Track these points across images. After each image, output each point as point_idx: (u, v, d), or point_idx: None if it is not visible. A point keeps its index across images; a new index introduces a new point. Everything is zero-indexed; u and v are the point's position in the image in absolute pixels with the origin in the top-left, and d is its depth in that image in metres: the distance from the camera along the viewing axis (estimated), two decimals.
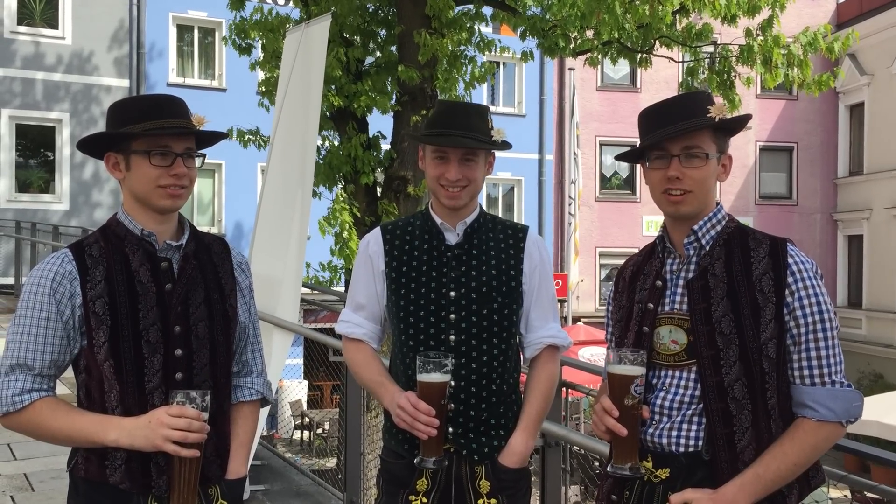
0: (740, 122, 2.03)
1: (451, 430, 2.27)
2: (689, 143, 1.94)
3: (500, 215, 2.97)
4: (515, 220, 2.60)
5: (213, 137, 2.12)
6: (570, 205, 20.22)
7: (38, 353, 1.97)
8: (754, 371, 1.87)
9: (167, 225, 2.09)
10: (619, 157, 2.29)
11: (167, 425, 1.89)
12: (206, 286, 2.10)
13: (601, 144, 21.27)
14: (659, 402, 1.97)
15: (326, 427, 15.17)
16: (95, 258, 2.01)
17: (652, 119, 2.00)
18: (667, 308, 1.99)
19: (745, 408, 1.87)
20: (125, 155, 2.02)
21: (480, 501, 2.28)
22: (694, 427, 1.92)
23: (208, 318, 2.08)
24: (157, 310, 2.01)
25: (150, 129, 1.97)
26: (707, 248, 1.98)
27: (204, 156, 2.11)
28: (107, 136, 2.04)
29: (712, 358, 1.89)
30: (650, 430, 1.97)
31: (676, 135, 1.93)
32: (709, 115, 1.94)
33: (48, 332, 1.97)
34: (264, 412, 5.54)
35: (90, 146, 2.10)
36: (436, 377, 2.14)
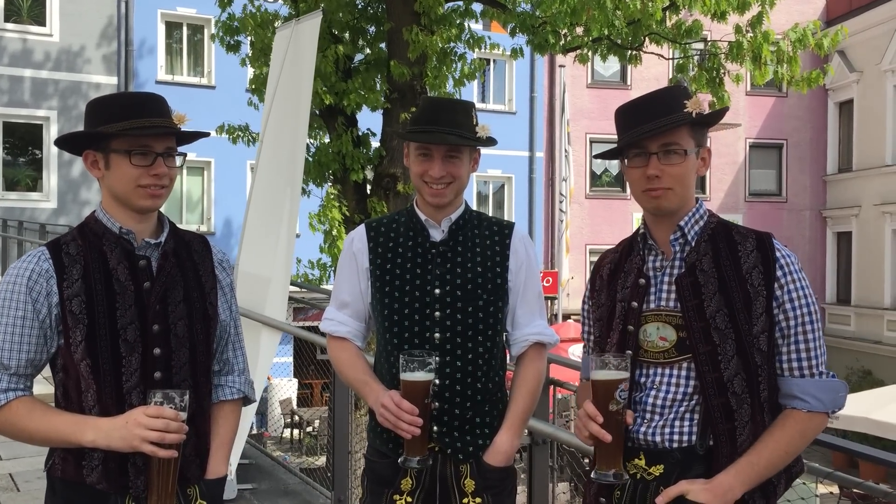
0: (717, 116, 2.01)
1: (435, 428, 2.25)
2: (666, 140, 1.93)
3: (490, 213, 2.95)
4: (506, 218, 2.58)
5: (194, 135, 2.09)
6: (560, 202, 20.23)
7: (13, 352, 1.94)
8: (751, 365, 1.88)
9: (146, 223, 2.06)
10: (598, 156, 2.29)
11: (144, 426, 1.87)
12: (186, 284, 2.08)
13: (591, 142, 21.28)
14: (650, 400, 1.95)
15: (316, 425, 15.14)
16: (73, 256, 1.98)
17: (629, 116, 1.98)
18: (653, 305, 1.97)
19: (744, 402, 1.88)
20: (104, 153, 1.99)
21: (465, 500, 2.26)
22: (686, 423, 1.91)
23: (188, 316, 2.06)
24: (135, 308, 1.99)
25: (130, 129, 1.94)
26: (692, 243, 1.97)
27: (185, 155, 2.09)
28: (86, 134, 2.00)
29: (709, 354, 1.89)
30: (642, 429, 1.95)
31: (654, 133, 1.92)
32: (686, 111, 1.92)
33: (24, 331, 1.94)
34: (250, 411, 5.54)
35: (69, 143, 2.07)
36: (419, 376, 2.12)
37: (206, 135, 2.19)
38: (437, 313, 2.27)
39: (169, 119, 2.02)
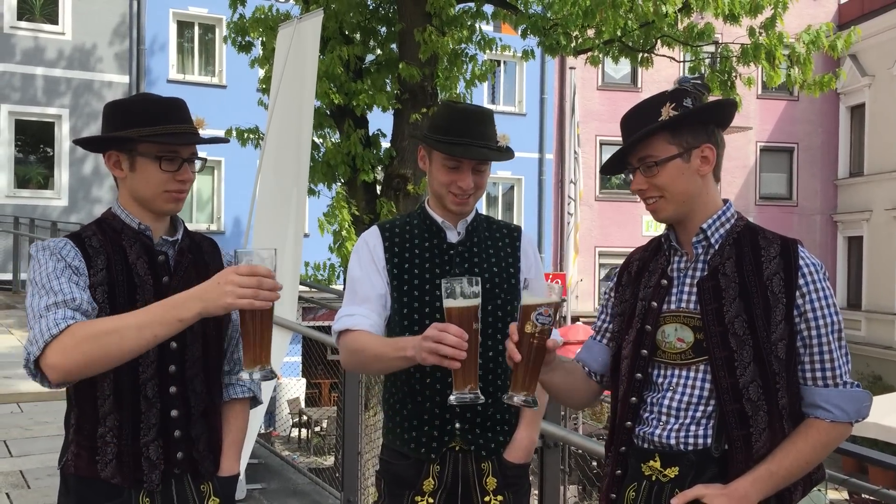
0: (701, 110, 1.96)
1: (458, 425, 2.26)
2: (641, 154, 1.94)
3: (500, 214, 2.96)
4: (515, 220, 2.59)
5: (214, 140, 2.15)
6: (569, 204, 20.19)
7: (70, 290, 1.87)
8: (768, 372, 1.87)
9: (161, 222, 2.09)
10: (604, 172, 2.30)
11: (237, 284, 1.77)
12: (200, 282, 2.09)
13: (601, 144, 21.25)
14: (667, 402, 1.94)
15: (324, 425, 15.16)
16: (96, 248, 2.00)
17: (622, 131, 2.01)
18: (673, 306, 1.96)
19: (760, 409, 1.86)
20: (130, 156, 2.01)
21: (487, 499, 2.27)
22: (702, 428, 1.90)
23: None
24: (154, 301, 1.99)
25: (162, 136, 1.97)
26: (716, 246, 1.95)
27: (205, 160, 2.14)
28: (115, 138, 2.01)
29: (726, 359, 1.88)
30: (657, 431, 1.94)
31: (628, 152, 1.93)
32: (660, 119, 1.91)
33: (72, 278, 1.90)
34: (260, 411, 5.54)
35: (92, 142, 2.09)
36: (465, 302, 1.92)
37: (227, 141, 2.23)
38: None
39: (192, 125, 2.05)
